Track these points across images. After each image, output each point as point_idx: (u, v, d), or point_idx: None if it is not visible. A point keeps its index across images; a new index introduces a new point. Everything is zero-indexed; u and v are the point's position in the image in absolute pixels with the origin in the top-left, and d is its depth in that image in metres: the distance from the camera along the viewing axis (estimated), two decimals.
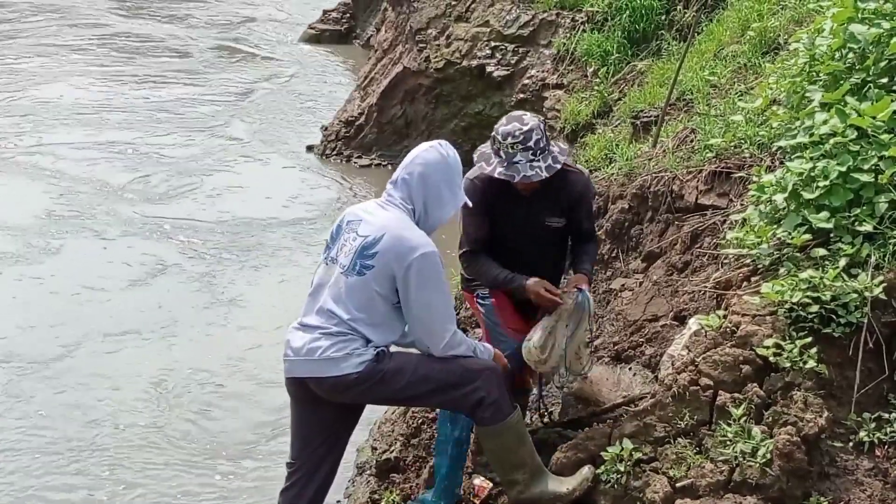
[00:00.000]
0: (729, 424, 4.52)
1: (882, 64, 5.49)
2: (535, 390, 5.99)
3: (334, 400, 5.03)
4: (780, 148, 5.91)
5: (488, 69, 13.64)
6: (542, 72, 12.91)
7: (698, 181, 6.87)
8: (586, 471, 4.83)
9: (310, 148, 15.35)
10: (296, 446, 5.21)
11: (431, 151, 5.00)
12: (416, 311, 4.89)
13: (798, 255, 5.01)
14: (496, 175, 5.26)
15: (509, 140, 5.22)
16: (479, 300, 5.68)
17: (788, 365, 4.58)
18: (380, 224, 4.89)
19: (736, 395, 4.60)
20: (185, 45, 21.59)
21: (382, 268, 4.84)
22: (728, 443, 4.49)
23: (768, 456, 4.37)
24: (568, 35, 12.83)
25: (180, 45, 21.51)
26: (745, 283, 5.26)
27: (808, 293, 4.69)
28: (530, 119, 5.31)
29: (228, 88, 18.47)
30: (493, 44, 13.83)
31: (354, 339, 4.88)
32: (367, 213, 4.99)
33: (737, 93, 7.81)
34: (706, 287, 5.79)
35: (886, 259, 4.80)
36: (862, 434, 4.54)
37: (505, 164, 5.26)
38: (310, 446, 5.14)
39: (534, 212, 5.47)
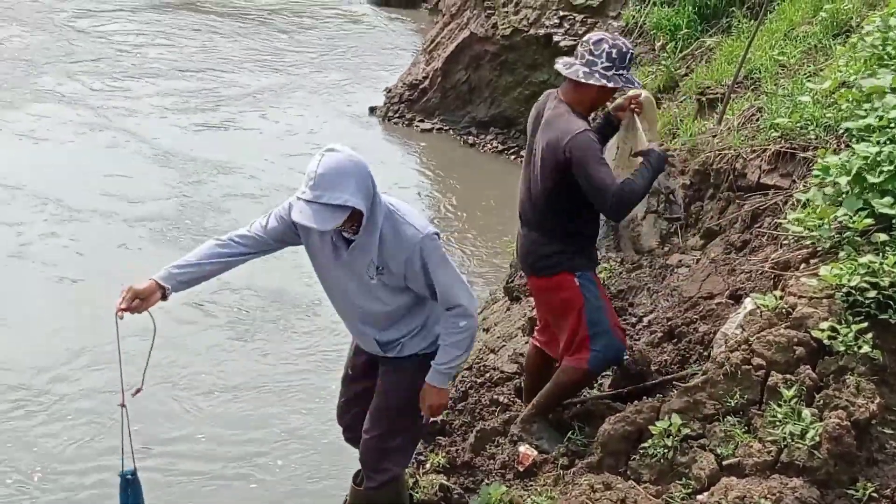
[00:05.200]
0: (779, 405, 4.51)
1: None
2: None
3: None
4: (846, 130, 5.84)
5: (555, 39, 13.57)
6: None
7: (762, 160, 6.81)
8: None
9: (372, 109, 15.41)
10: None
11: None
12: None
13: (858, 239, 4.96)
14: (635, 88, 5.46)
15: (630, 54, 5.44)
16: (581, 279, 5.35)
17: (843, 349, 4.55)
18: None
19: (788, 376, 4.59)
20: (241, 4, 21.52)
21: None
22: (777, 423, 4.47)
23: (817, 439, 4.35)
24: (638, 7, 12.71)
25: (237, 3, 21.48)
26: (803, 265, 5.23)
27: (867, 278, 4.65)
28: None
29: (294, 46, 18.52)
30: (561, 13, 13.77)
31: None
32: None
33: (805, 74, 7.72)
34: (764, 267, 5.76)
35: None
36: None
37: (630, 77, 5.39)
38: None
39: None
